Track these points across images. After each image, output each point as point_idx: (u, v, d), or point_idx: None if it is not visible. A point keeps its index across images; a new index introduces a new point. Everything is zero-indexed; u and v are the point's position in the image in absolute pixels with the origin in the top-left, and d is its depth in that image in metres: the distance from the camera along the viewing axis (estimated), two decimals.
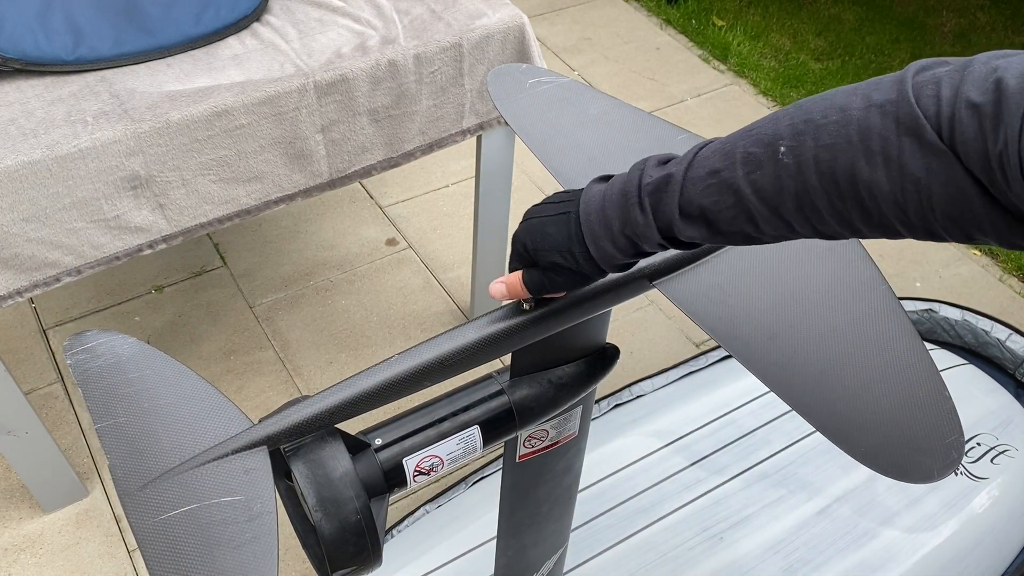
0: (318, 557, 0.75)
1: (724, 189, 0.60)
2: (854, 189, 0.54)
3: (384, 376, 0.74)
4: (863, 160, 0.52)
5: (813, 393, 0.78)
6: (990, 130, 0.47)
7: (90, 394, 0.74)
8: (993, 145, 0.47)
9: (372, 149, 1.53)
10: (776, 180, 0.57)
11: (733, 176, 0.59)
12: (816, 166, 0.55)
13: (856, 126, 0.53)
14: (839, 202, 0.55)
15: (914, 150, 0.50)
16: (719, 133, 2.74)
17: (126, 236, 1.37)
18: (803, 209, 0.57)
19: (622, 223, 0.65)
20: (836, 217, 0.56)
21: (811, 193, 0.56)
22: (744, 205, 0.59)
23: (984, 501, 1.48)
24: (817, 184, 0.55)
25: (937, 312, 1.78)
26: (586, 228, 0.67)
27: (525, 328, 0.79)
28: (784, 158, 0.56)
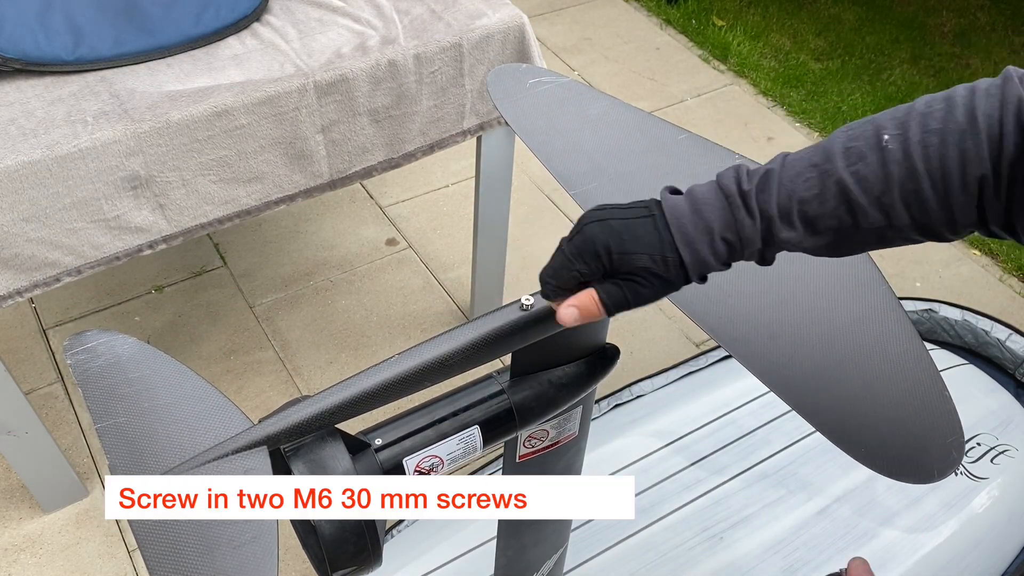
0: (318, 557, 0.75)
1: (825, 181, 0.60)
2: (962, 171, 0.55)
3: (384, 376, 0.74)
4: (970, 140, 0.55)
5: (813, 393, 0.78)
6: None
7: (90, 394, 0.74)
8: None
9: (373, 150, 1.53)
10: (881, 168, 0.58)
11: (833, 168, 0.60)
12: (924, 150, 0.56)
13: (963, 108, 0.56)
14: (943, 187, 0.56)
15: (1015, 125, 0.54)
16: (719, 133, 2.74)
17: (126, 236, 1.37)
18: (906, 197, 0.58)
19: (723, 226, 0.63)
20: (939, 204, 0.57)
21: (917, 178, 0.57)
22: (845, 196, 0.59)
23: (984, 501, 1.48)
24: (923, 169, 0.57)
25: (937, 312, 1.78)
26: (678, 232, 0.63)
27: (525, 328, 0.79)
28: (889, 145, 0.58)
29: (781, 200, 0.61)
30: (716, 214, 0.63)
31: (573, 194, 0.92)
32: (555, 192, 2.50)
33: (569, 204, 2.46)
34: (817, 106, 2.90)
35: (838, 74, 3.05)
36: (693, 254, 0.63)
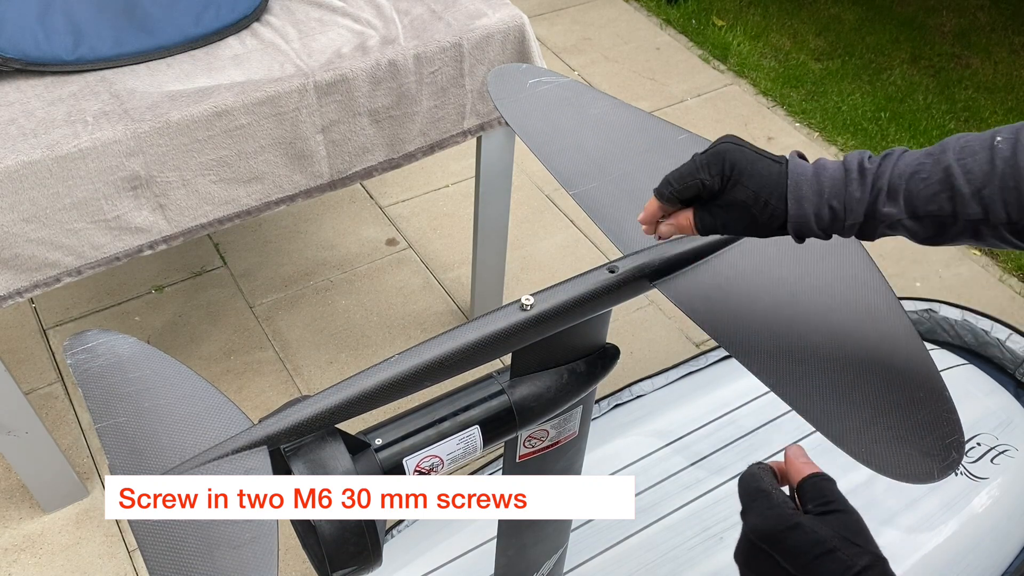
0: (318, 557, 0.75)
1: (934, 167, 0.65)
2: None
3: (384, 376, 0.74)
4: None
5: (813, 393, 0.78)
6: None
7: (90, 394, 0.74)
8: None
9: (373, 150, 1.53)
10: (988, 163, 0.62)
11: (945, 158, 0.64)
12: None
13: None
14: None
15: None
16: (719, 133, 2.74)
17: (126, 236, 1.36)
18: (1005, 192, 0.62)
19: (832, 193, 0.67)
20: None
21: (1018, 176, 0.61)
22: (949, 182, 0.64)
23: (984, 501, 1.48)
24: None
25: (937, 312, 1.78)
26: (793, 185, 0.68)
27: (525, 328, 0.79)
28: (1000, 145, 0.63)
29: (893, 177, 0.66)
30: (832, 183, 0.68)
31: (573, 194, 0.92)
32: (555, 192, 2.50)
33: (569, 204, 2.46)
34: (817, 106, 2.90)
35: (838, 74, 3.05)
36: (799, 209, 0.68)
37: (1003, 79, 3.01)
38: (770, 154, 0.70)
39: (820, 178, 0.68)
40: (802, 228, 0.69)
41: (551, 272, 2.28)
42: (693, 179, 0.70)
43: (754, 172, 0.68)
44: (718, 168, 0.69)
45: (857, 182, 0.67)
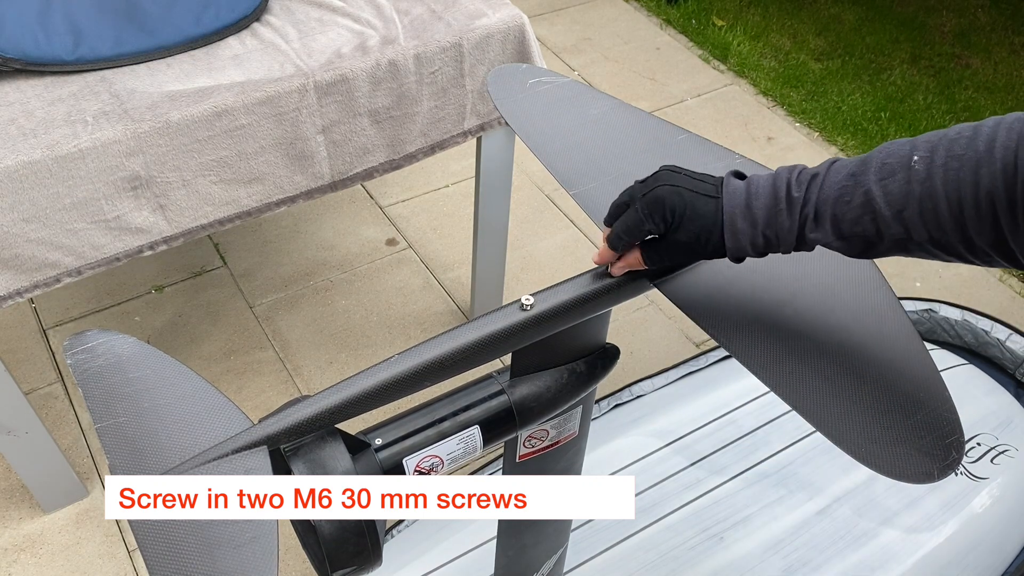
0: (318, 557, 0.75)
1: (856, 189, 0.67)
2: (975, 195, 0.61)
3: (384, 376, 0.74)
4: (986, 167, 0.61)
5: (813, 393, 0.78)
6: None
7: (90, 394, 0.74)
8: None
9: (374, 151, 1.53)
10: (905, 185, 0.64)
11: (866, 179, 0.66)
12: (944, 173, 0.62)
13: (984, 139, 0.61)
14: (958, 208, 0.62)
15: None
16: (719, 133, 2.74)
17: (126, 237, 1.36)
18: (924, 214, 0.64)
19: (766, 223, 0.71)
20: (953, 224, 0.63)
21: (935, 198, 0.63)
22: (871, 206, 0.66)
23: (984, 501, 1.48)
24: (941, 189, 0.62)
25: (937, 312, 1.78)
26: (728, 219, 0.72)
27: (525, 328, 0.79)
28: (916, 165, 0.64)
29: (819, 203, 0.68)
30: (763, 212, 0.71)
31: (573, 194, 0.92)
32: (555, 192, 2.50)
33: (569, 204, 2.46)
34: (817, 106, 2.90)
35: (838, 74, 3.05)
36: (735, 243, 0.72)
37: (1003, 79, 3.01)
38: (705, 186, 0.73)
39: (752, 208, 0.71)
40: (741, 256, 0.74)
41: (551, 272, 2.28)
42: (640, 231, 0.75)
43: (693, 215, 0.72)
44: (660, 216, 0.74)
45: (786, 212, 0.70)
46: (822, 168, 0.70)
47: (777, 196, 0.70)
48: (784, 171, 0.71)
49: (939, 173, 0.63)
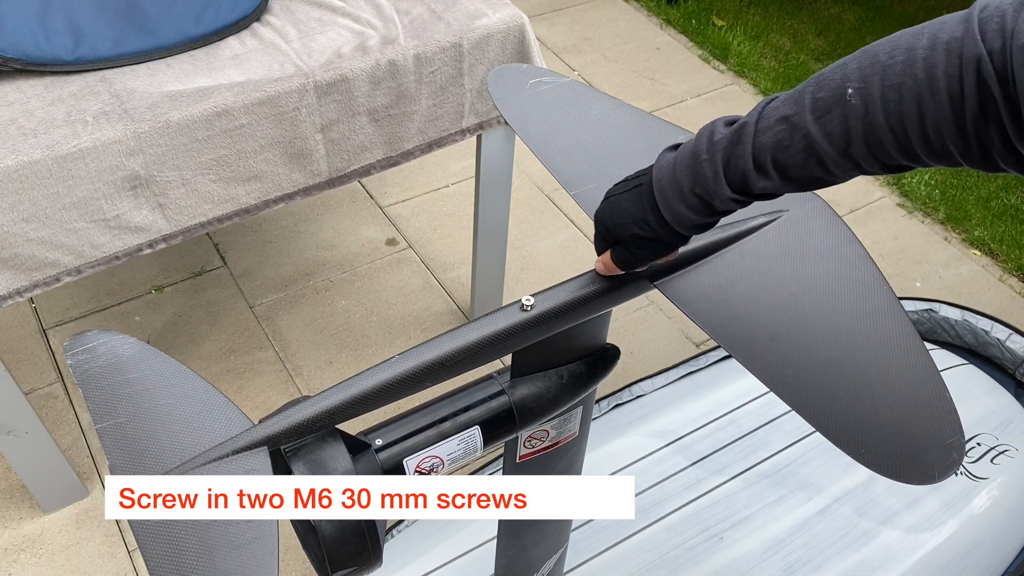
0: (318, 557, 0.75)
1: (794, 134, 0.62)
2: (920, 126, 0.57)
3: (385, 376, 0.74)
4: (929, 98, 0.55)
5: (813, 393, 0.78)
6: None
7: (90, 394, 0.74)
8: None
9: (371, 148, 1.53)
10: (844, 122, 0.60)
11: (803, 121, 0.61)
12: (884, 105, 0.58)
13: (922, 64, 0.55)
14: (904, 139, 0.58)
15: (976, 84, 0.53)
16: None
17: (126, 236, 1.37)
18: (871, 148, 0.60)
19: (692, 182, 0.68)
20: (902, 152, 0.59)
21: (878, 132, 0.58)
22: (814, 149, 0.61)
23: (984, 501, 1.48)
24: (884, 123, 0.58)
25: (937, 312, 1.78)
26: (659, 194, 0.70)
27: (526, 329, 0.79)
28: (852, 99, 0.59)
29: (756, 153, 0.64)
30: (685, 172, 0.68)
31: (573, 194, 0.92)
32: (555, 192, 2.50)
33: (569, 204, 2.46)
34: None
35: None
36: (672, 212, 0.70)
37: None
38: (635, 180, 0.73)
39: (676, 171, 0.69)
40: (689, 224, 0.70)
41: (551, 272, 2.28)
42: (597, 247, 0.79)
43: (619, 211, 0.73)
44: (599, 234, 0.77)
45: (706, 163, 0.67)
46: (752, 114, 0.66)
47: (696, 152, 0.68)
48: (707, 125, 0.69)
49: (878, 106, 0.58)
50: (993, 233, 2.47)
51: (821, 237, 0.89)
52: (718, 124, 0.68)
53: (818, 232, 0.89)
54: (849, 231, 0.90)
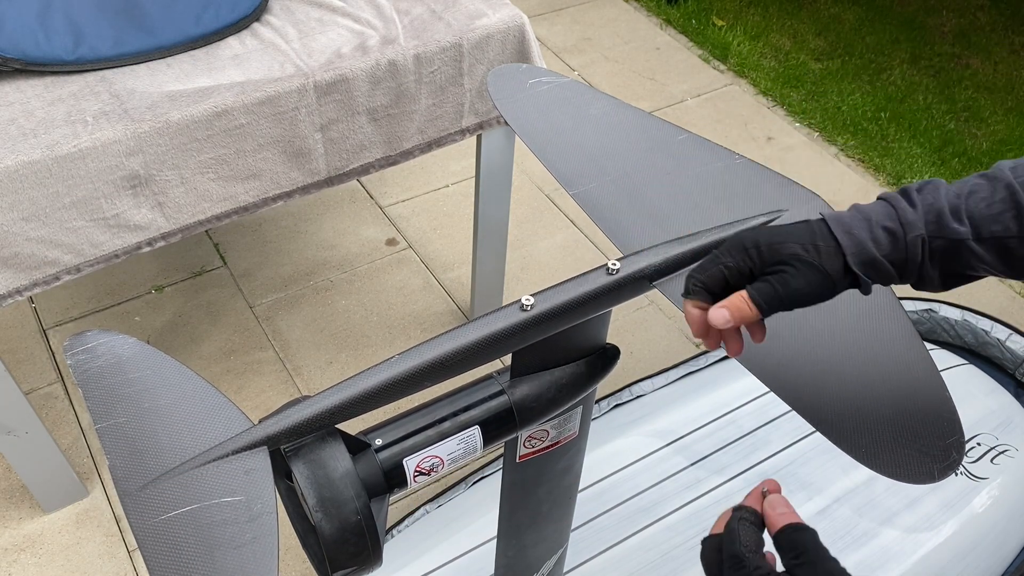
0: (318, 557, 0.75)
1: (995, 186, 0.62)
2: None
3: (385, 376, 0.74)
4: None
5: (813, 393, 0.78)
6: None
7: (90, 394, 0.74)
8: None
9: (370, 147, 1.53)
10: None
11: (1003, 177, 0.62)
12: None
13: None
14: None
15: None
16: (719, 133, 2.74)
17: (125, 234, 1.37)
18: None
19: (883, 216, 0.63)
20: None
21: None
22: (1014, 199, 0.61)
23: (984, 501, 1.48)
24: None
25: (937, 312, 1.78)
26: (835, 222, 0.64)
27: (526, 328, 0.79)
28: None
29: (950, 198, 0.63)
30: (876, 209, 0.64)
31: (573, 194, 0.92)
32: (555, 192, 2.50)
33: (569, 204, 2.46)
34: (817, 106, 2.90)
35: (838, 74, 3.05)
36: (850, 238, 0.63)
37: (1003, 79, 3.01)
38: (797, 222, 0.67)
39: (861, 210, 0.65)
40: (865, 258, 0.63)
41: (551, 272, 2.28)
42: (715, 266, 0.66)
43: (782, 233, 0.64)
44: (739, 249, 0.65)
45: (903, 200, 0.64)
46: (932, 181, 0.65)
47: (887, 197, 0.65)
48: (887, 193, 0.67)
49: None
50: None
51: None
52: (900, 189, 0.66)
53: None
54: None
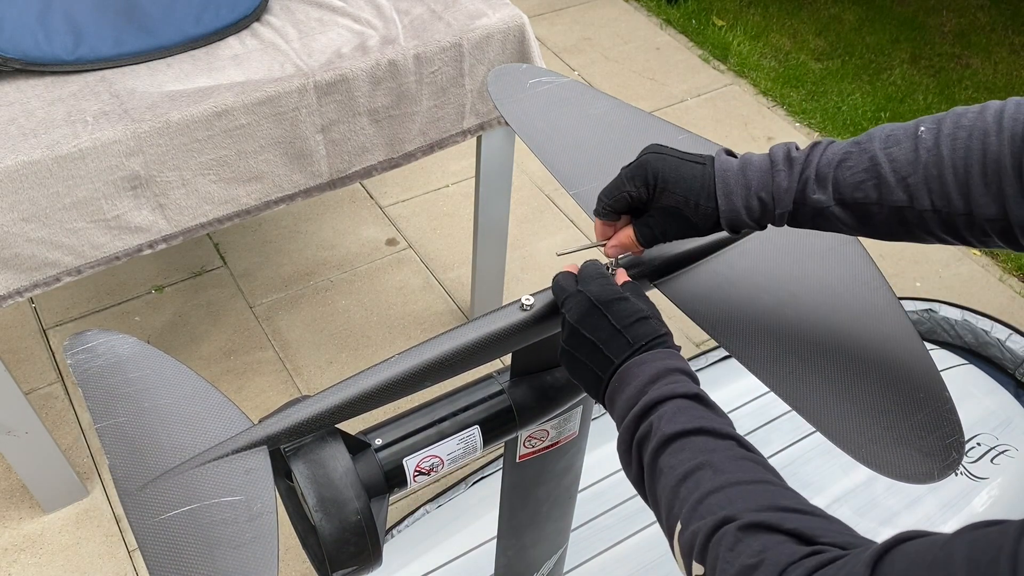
0: (318, 557, 0.75)
1: (861, 156, 0.67)
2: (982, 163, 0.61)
3: (385, 376, 0.74)
4: (994, 135, 0.61)
5: (813, 393, 0.78)
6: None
7: (90, 394, 0.74)
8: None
9: (373, 150, 1.53)
10: (911, 153, 0.65)
11: (871, 147, 0.67)
12: (952, 142, 0.63)
13: (993, 112, 0.62)
14: (964, 175, 0.62)
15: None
16: (719, 133, 2.74)
17: (126, 236, 1.36)
18: (928, 181, 0.64)
19: (759, 185, 0.69)
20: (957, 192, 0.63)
21: (940, 165, 0.63)
22: (876, 171, 0.66)
23: (984, 501, 1.48)
24: (948, 157, 0.63)
25: (937, 312, 1.78)
26: (720, 183, 0.70)
27: (525, 328, 0.79)
28: (923, 135, 0.65)
29: (821, 166, 0.68)
30: (758, 175, 0.70)
31: (573, 194, 0.92)
32: (555, 192, 2.50)
33: (569, 204, 2.46)
34: (817, 106, 2.90)
35: (838, 74, 3.05)
36: (728, 204, 0.70)
37: (1003, 79, 3.01)
38: (693, 156, 0.72)
39: (746, 172, 0.70)
40: (734, 222, 0.71)
41: (551, 272, 2.27)
42: (620, 192, 0.73)
43: (679, 177, 0.71)
44: (642, 179, 0.72)
45: (784, 172, 0.69)
46: (822, 142, 0.70)
47: (773, 160, 0.70)
48: (781, 144, 0.71)
49: (946, 142, 0.63)
50: None
51: (821, 237, 0.89)
52: (793, 145, 0.71)
53: (818, 232, 0.89)
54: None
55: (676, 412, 0.61)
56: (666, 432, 0.60)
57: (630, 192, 0.73)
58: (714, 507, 0.53)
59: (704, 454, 0.58)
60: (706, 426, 0.60)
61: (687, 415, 0.61)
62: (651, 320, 0.68)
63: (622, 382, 0.65)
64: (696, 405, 0.62)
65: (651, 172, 0.71)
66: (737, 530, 0.51)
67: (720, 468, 0.56)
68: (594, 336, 0.68)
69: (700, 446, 0.58)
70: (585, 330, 0.68)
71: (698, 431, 0.59)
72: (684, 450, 0.58)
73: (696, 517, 0.54)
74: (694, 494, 0.55)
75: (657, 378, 0.64)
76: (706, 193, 0.70)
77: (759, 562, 0.48)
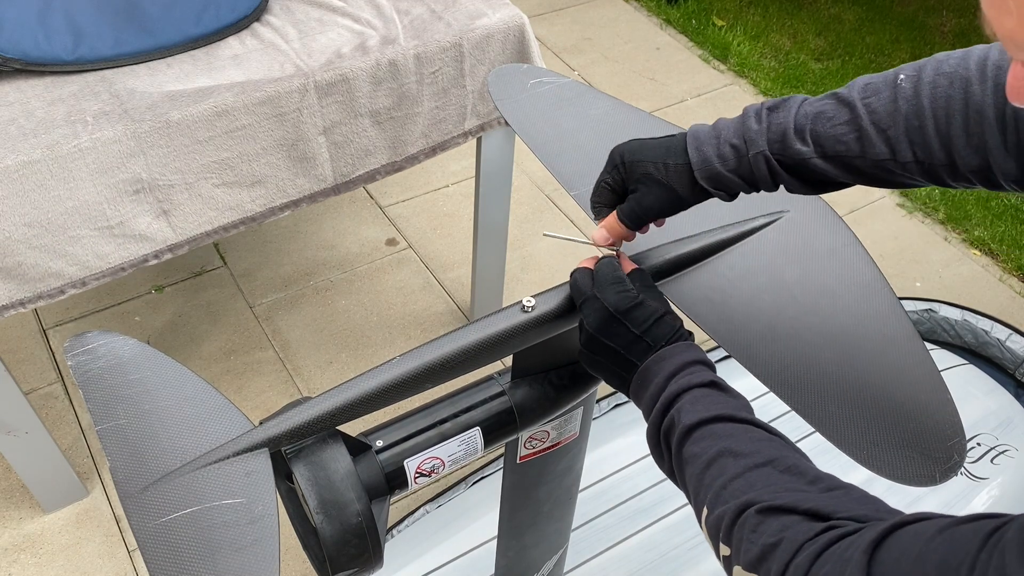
0: (319, 559, 0.75)
1: (840, 106, 0.65)
2: (964, 112, 0.59)
3: (385, 378, 0.74)
4: (976, 84, 0.59)
5: (813, 394, 0.78)
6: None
7: (91, 395, 0.74)
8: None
9: (376, 152, 1.53)
10: (891, 103, 0.63)
11: (851, 98, 0.65)
12: (932, 91, 0.61)
13: (976, 59, 0.60)
14: (945, 125, 0.60)
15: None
16: None
17: (131, 245, 1.36)
18: (910, 132, 0.62)
19: (732, 132, 0.69)
20: (939, 143, 0.61)
21: (921, 115, 0.61)
22: (856, 123, 0.64)
23: (984, 501, 1.48)
24: (928, 107, 0.61)
25: (937, 312, 1.78)
26: (691, 139, 0.70)
27: (526, 330, 0.79)
28: (903, 83, 0.62)
29: (799, 117, 0.66)
30: (728, 125, 0.70)
31: (573, 195, 0.92)
32: (555, 192, 2.50)
33: (569, 204, 2.46)
34: None
35: (838, 74, 3.05)
36: (699, 155, 0.69)
37: None
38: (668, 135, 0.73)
39: (717, 125, 0.70)
40: (709, 172, 0.69)
41: (551, 272, 2.28)
42: (601, 185, 0.75)
43: (646, 148, 0.71)
44: (611, 163, 0.73)
45: (754, 119, 0.68)
46: (794, 98, 0.69)
47: (745, 113, 0.70)
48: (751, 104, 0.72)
49: (927, 91, 0.61)
50: (993, 233, 2.47)
51: (821, 238, 0.89)
52: (765, 102, 0.71)
53: (818, 233, 0.89)
54: (849, 232, 0.90)
55: (695, 402, 0.63)
56: (687, 423, 0.62)
57: (605, 180, 0.74)
58: (737, 492, 0.57)
59: (724, 440, 0.60)
60: (724, 413, 0.62)
61: (704, 403, 0.63)
62: (666, 318, 0.70)
63: (644, 379, 0.68)
64: (713, 392, 0.65)
65: (618, 153, 0.73)
66: (757, 513, 0.54)
67: (740, 452, 0.59)
68: (614, 343, 0.70)
69: (720, 432, 0.61)
70: (605, 338, 0.70)
71: (716, 418, 0.62)
72: (705, 438, 0.61)
73: (720, 502, 0.57)
74: (718, 480, 0.58)
75: (676, 372, 0.66)
76: (676, 152, 0.70)
77: (779, 540, 0.52)
